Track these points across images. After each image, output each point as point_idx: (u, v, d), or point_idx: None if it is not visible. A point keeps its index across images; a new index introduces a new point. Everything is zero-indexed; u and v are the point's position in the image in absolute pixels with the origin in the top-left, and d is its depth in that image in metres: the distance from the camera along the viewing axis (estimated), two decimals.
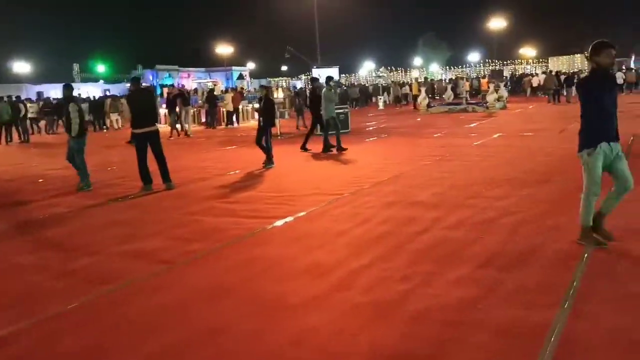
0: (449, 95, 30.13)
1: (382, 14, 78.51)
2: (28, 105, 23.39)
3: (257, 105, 12.76)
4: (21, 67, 53.25)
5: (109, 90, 45.46)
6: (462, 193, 7.48)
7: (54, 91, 41.86)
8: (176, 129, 19.24)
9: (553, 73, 30.80)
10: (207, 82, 44.84)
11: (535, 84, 32.64)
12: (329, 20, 64.94)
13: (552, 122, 17.46)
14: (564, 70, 41.23)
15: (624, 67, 38.32)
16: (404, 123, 20.76)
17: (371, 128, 19.21)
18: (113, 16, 71.65)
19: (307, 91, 36.37)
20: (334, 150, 12.54)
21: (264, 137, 10.67)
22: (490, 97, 24.76)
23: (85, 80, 56.04)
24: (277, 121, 22.14)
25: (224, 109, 23.83)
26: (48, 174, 11.28)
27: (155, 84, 51.89)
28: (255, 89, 44.40)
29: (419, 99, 27.21)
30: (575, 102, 27.53)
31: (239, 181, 9.42)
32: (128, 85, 19.48)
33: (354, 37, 74.02)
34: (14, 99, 22.95)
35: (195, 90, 30.40)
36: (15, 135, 20.58)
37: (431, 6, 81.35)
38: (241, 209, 7.23)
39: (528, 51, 64.87)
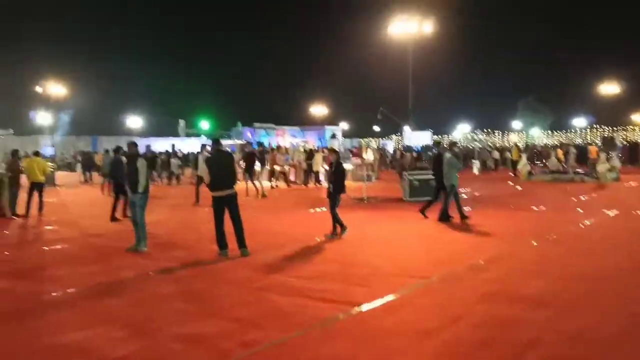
0: (553, 162, 27.98)
1: (479, 75, 77.24)
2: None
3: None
4: (133, 121, 57.73)
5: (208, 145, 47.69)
6: (578, 287, 6.23)
7: (159, 144, 44.49)
8: (256, 187, 18.59)
9: None
10: (300, 141, 45.65)
11: None
12: (423, 80, 64.82)
13: None
14: None
15: None
16: (502, 192, 19.24)
17: (465, 196, 17.94)
18: (219, 77, 76.46)
19: (397, 152, 35.66)
20: (453, 220, 11.68)
21: (336, 205, 9.95)
22: (602, 167, 22.56)
23: (189, 135, 59.44)
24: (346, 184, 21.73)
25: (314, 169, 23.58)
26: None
27: (252, 141, 53.99)
28: (348, 148, 44.48)
29: (520, 165, 25.47)
30: None
31: (315, 251, 8.71)
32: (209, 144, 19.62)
33: (449, 97, 73.42)
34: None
35: (287, 149, 30.80)
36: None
37: (532, 68, 78.90)
38: (312, 287, 6.46)
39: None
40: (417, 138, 17.80)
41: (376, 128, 70.04)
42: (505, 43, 75.89)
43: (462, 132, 66.32)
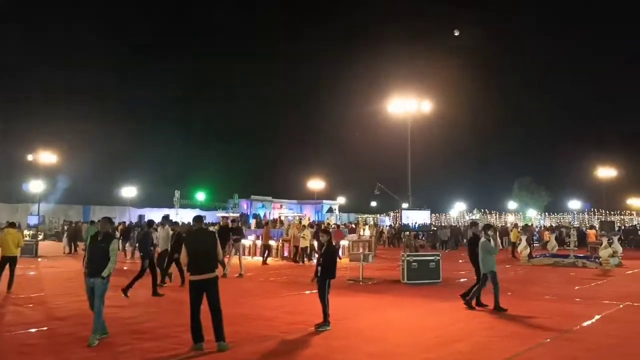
0: (553, 245, 27.20)
1: (476, 155, 77.83)
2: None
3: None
4: (128, 191, 57.18)
5: (205, 216, 46.93)
6: None
7: (154, 214, 43.68)
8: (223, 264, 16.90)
9: None
10: (294, 215, 44.98)
11: None
12: (421, 158, 65.18)
13: None
14: None
15: None
16: (503, 275, 18.20)
17: (463, 280, 17.01)
18: (217, 148, 76.91)
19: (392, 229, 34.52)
20: (487, 308, 10.97)
21: (325, 293, 8.97)
22: (604, 253, 21.75)
23: (183, 206, 58.74)
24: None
25: (300, 245, 22.60)
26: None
27: (248, 214, 53.25)
28: (345, 224, 43.70)
29: (520, 248, 24.65)
30: None
31: (301, 346, 7.74)
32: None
33: (446, 175, 73.24)
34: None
35: (282, 221, 30.11)
36: None
37: (528, 150, 79.83)
38: None
39: (637, 202, 60.05)
40: (415, 217, 17.28)
41: (373, 203, 69.79)
42: (503, 122, 77.13)
43: (458, 210, 65.86)
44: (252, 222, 39.84)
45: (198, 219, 8.08)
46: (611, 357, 7.22)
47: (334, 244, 9.63)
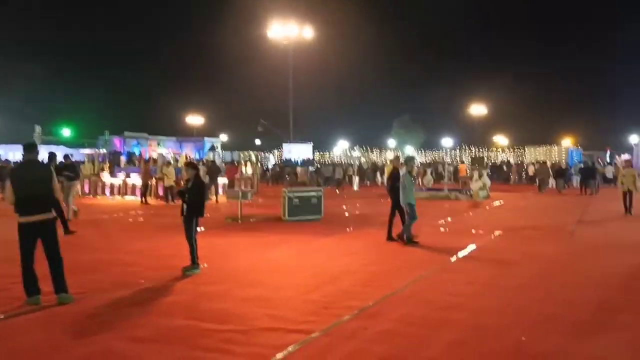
0: (428, 180, 28.38)
1: (359, 93, 79.00)
2: None
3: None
4: None
5: (72, 155, 42.77)
6: (492, 342, 5.00)
7: (12, 153, 39.01)
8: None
9: (534, 162, 29.84)
10: (168, 152, 42.64)
11: (531, 173, 32.28)
12: (304, 96, 64.62)
13: (552, 218, 15.47)
14: (541, 160, 40.47)
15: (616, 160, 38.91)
16: (382, 209, 18.43)
17: (347, 214, 16.87)
18: (84, 79, 69.94)
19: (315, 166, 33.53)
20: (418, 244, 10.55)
21: (193, 232, 7.97)
22: (475, 186, 22.93)
23: (46, 143, 53.11)
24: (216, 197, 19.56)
25: (165, 184, 20.92)
26: None
27: (123, 152, 49.35)
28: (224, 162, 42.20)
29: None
30: (565, 194, 26.57)
31: (166, 294, 6.74)
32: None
33: (329, 114, 73.71)
34: None
35: (155, 160, 27.99)
36: None
37: (407, 89, 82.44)
38: (150, 357, 4.57)
39: (501, 139, 65.09)
40: (298, 151, 16.71)
41: (258, 141, 68.50)
42: (385, 59, 78.36)
43: (342, 148, 66.99)
44: (122, 159, 36.90)
45: (29, 148, 6.48)
46: (490, 288, 7.10)
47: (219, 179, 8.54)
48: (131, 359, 4.57)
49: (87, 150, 38.69)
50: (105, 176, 24.79)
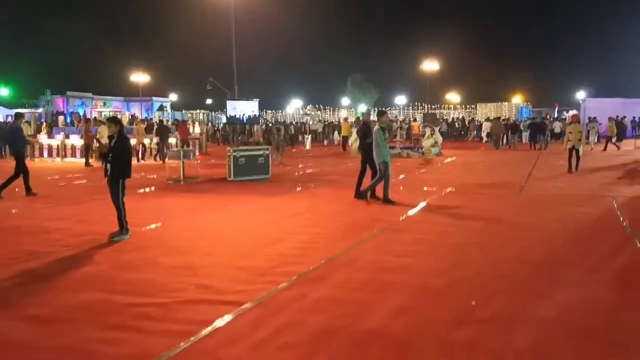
0: None
1: (312, 51, 77.41)
2: None
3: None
4: None
5: (11, 115, 40.07)
6: (439, 307, 4.60)
7: None
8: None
9: (490, 118, 30.01)
10: (111, 111, 40.72)
11: (488, 130, 32.46)
12: (254, 55, 62.70)
13: (502, 174, 15.38)
14: (492, 117, 40.88)
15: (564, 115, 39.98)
16: (334, 168, 18.04)
17: (297, 173, 16.30)
18: (21, 38, 65.33)
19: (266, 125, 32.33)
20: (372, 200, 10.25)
21: (119, 195, 7.20)
22: (427, 143, 22.74)
23: None
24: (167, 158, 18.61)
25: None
26: None
27: (66, 112, 46.70)
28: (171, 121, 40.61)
29: (350, 141, 24.76)
30: (516, 149, 26.86)
31: (90, 262, 6.02)
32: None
33: (282, 73, 72.20)
34: None
35: (96, 120, 26.49)
36: None
37: (360, 47, 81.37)
38: (50, 344, 3.92)
39: (453, 97, 65.54)
40: (243, 108, 15.85)
41: (209, 100, 66.43)
42: (336, 17, 76.79)
43: (295, 107, 65.91)
44: (61, 119, 34.88)
45: None
46: (438, 247, 6.74)
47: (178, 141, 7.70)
48: (20, 347, 3.89)
49: (24, 111, 36.30)
50: (43, 138, 23.19)
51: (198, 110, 54.56)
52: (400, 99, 66.51)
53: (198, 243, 6.96)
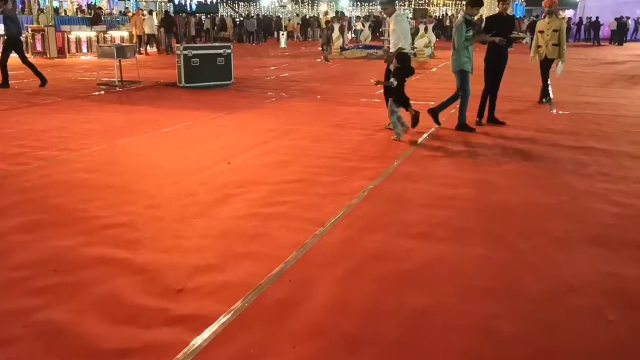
0: (366, 36, 24.74)
1: None
2: None
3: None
4: None
5: None
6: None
7: None
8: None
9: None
10: None
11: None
12: None
13: (516, 83, 12.76)
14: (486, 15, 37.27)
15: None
16: (313, 71, 15.17)
17: (269, 77, 13.42)
18: None
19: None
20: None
21: None
22: (420, 42, 19.71)
23: None
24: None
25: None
26: None
27: None
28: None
29: (332, 38, 21.52)
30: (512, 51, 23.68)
31: None
32: None
33: None
34: None
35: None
36: None
37: None
38: None
39: None
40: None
41: None
42: None
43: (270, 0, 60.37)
44: None
45: None
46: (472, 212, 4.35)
47: None
48: None
49: None
50: None
51: None
52: None
53: (122, 178, 4.36)
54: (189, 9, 10.04)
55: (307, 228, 3.78)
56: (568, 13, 42.54)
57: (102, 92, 10.39)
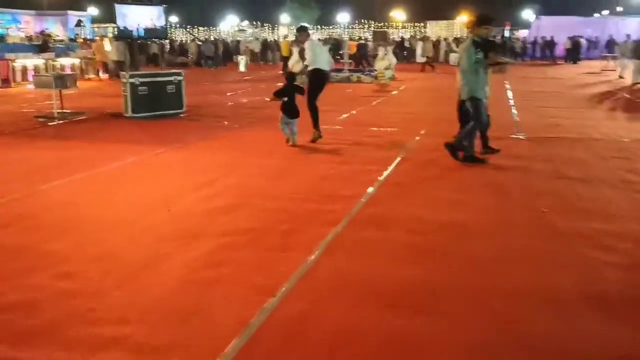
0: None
1: None
2: None
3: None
4: None
5: None
6: None
7: None
8: None
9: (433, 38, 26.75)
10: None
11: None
12: None
13: None
14: (444, 36, 37.71)
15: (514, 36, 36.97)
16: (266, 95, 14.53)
17: (225, 104, 12.74)
18: None
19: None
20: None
21: None
22: (380, 64, 19.37)
23: None
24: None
25: None
26: None
27: None
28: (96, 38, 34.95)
29: (290, 63, 20.98)
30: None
31: None
32: None
33: None
34: None
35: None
36: None
37: None
38: None
39: (398, 15, 61.45)
40: (138, 16, 11.73)
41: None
42: None
43: (230, 24, 60.04)
44: None
45: None
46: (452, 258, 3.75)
47: None
48: None
49: None
50: None
51: (111, 25, 47.84)
52: (343, 16, 61.94)
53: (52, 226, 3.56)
54: (135, 34, 9.26)
55: (254, 299, 3.09)
56: (522, 33, 43.46)
57: (38, 127, 9.48)
